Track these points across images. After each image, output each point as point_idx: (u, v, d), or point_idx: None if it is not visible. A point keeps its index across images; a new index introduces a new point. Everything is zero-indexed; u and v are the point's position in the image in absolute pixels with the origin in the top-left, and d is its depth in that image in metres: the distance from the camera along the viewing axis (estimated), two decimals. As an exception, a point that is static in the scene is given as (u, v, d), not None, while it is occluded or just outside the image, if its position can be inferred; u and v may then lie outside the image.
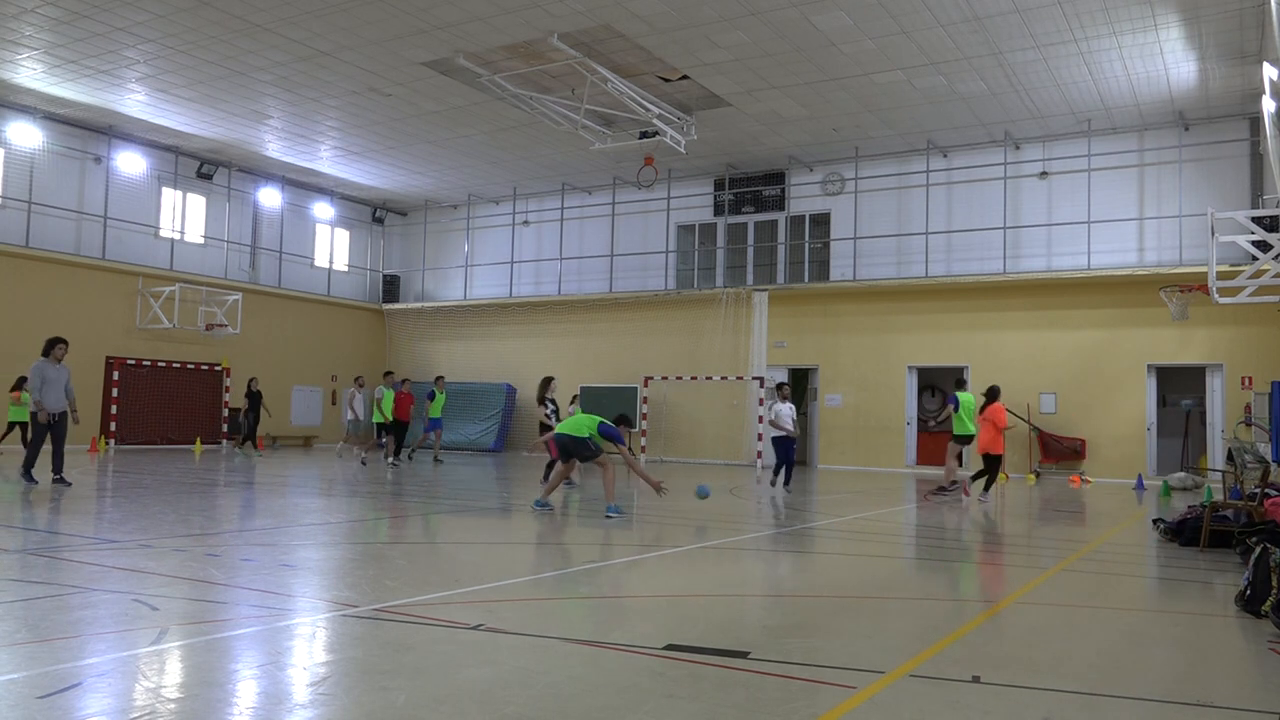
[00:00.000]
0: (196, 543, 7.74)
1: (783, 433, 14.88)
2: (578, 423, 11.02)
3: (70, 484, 11.88)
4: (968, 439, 14.20)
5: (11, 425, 19.42)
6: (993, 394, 14.18)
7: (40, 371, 11.68)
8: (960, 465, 15.24)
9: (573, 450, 10.91)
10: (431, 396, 20.49)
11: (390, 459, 18.81)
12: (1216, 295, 14.35)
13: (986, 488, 14.03)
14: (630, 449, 14.44)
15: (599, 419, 11.01)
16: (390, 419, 18.82)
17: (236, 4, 15.35)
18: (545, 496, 11.10)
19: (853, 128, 20.79)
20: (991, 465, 13.91)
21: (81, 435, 21.22)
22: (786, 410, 14.95)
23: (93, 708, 3.51)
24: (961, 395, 14.21)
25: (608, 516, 10.43)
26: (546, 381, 15.13)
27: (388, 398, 18.84)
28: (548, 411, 14.95)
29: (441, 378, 21.50)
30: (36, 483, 11.69)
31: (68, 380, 11.98)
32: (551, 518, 10.40)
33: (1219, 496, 11.41)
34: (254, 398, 22.53)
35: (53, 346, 11.86)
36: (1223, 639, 5.39)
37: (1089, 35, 15.66)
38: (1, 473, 14.07)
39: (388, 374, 19.88)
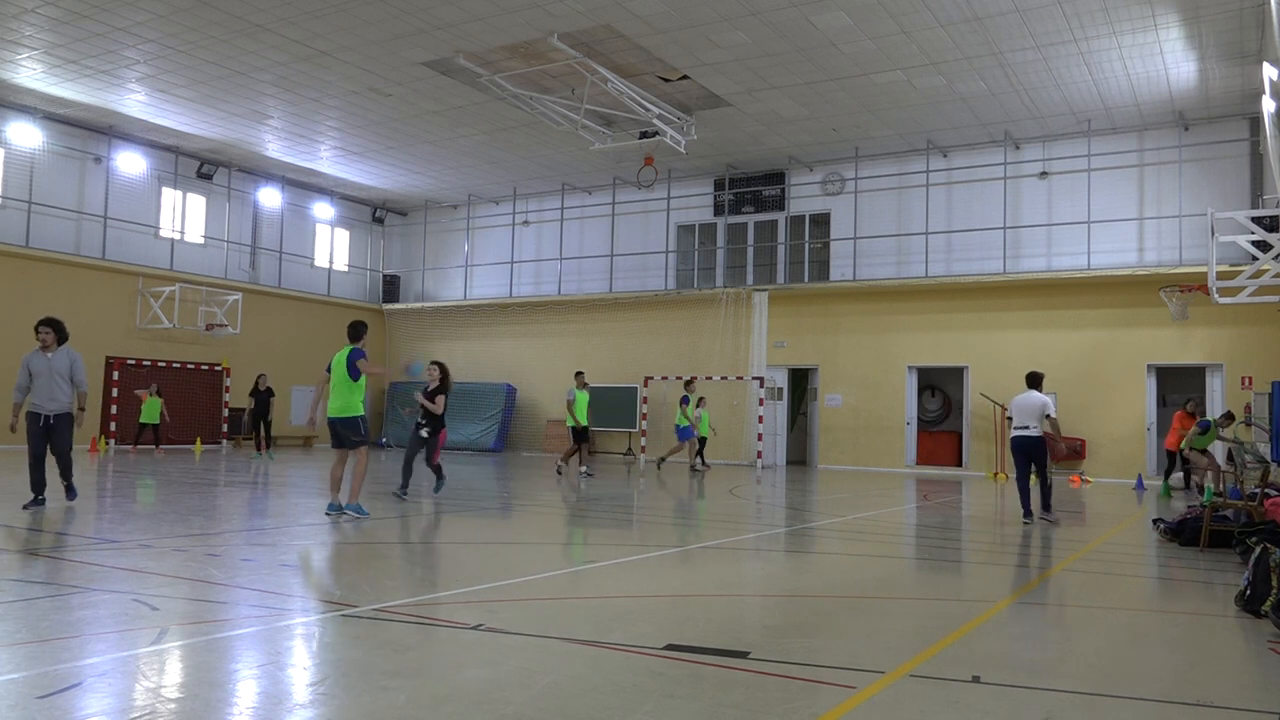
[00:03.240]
0: (196, 543, 7.73)
1: (1018, 431, 11.04)
2: (341, 381, 9.41)
3: (76, 495, 10.04)
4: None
5: (142, 427, 21.00)
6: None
7: (26, 364, 9.55)
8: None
9: (343, 435, 9.52)
10: (685, 401, 19.66)
11: (584, 467, 17.30)
12: (1216, 295, 14.36)
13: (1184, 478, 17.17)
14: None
15: (350, 348, 9.56)
16: (585, 423, 16.99)
17: (236, 4, 15.35)
18: (351, 499, 9.61)
19: (853, 128, 20.79)
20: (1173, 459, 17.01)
21: (81, 435, 21.20)
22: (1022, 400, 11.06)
23: (93, 708, 3.51)
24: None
25: (344, 513, 9.40)
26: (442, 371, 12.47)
27: (581, 400, 16.94)
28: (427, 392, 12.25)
29: (694, 379, 20.59)
30: (44, 503, 9.59)
31: (71, 369, 9.60)
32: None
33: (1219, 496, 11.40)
34: (261, 396, 20.42)
35: (36, 332, 9.63)
36: (1223, 639, 5.39)
37: (1089, 35, 15.65)
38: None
39: (579, 374, 17.50)
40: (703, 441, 20.44)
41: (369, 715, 3.50)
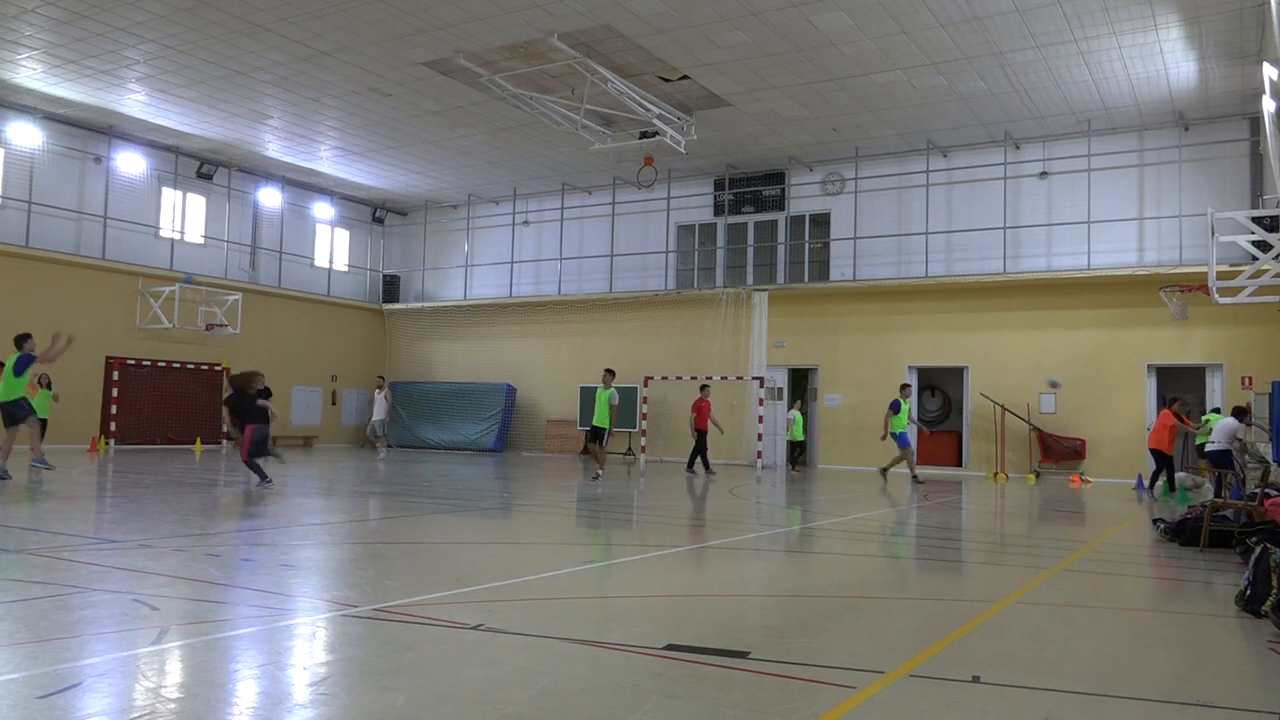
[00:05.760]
0: (196, 543, 7.73)
1: (1210, 446, 14.56)
2: (8, 377, 12.37)
3: None
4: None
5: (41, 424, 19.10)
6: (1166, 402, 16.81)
7: None
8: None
9: (14, 415, 12.36)
10: (896, 408, 17.89)
11: (597, 472, 16.54)
12: (1216, 295, 14.35)
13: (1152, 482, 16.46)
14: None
15: (20, 355, 12.46)
16: (596, 423, 16.49)
17: (236, 4, 15.35)
18: (38, 455, 12.98)
19: (853, 128, 20.78)
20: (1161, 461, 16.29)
21: (81, 435, 21.25)
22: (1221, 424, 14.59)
23: (93, 708, 3.51)
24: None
25: (34, 466, 12.83)
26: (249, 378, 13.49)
27: (599, 399, 16.45)
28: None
29: (908, 385, 18.96)
30: None
31: None
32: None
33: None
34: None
35: None
36: (1223, 639, 5.39)
37: (1089, 35, 15.65)
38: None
39: (609, 372, 16.85)
40: (793, 446, 20.71)
41: (369, 715, 3.50)
